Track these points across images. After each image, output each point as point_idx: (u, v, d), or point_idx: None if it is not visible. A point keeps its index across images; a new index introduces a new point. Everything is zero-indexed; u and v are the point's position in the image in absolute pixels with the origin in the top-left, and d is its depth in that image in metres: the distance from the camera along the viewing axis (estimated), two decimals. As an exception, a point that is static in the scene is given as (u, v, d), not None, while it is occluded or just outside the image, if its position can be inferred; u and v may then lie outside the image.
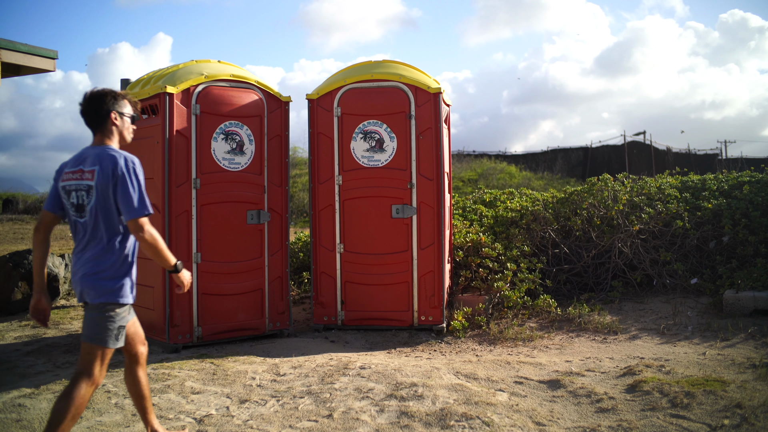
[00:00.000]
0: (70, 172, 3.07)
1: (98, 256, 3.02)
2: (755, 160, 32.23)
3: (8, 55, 6.04)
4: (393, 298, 5.93)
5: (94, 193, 3.00)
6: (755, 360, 4.57)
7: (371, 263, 5.94)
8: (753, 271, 6.30)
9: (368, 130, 5.96)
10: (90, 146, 3.12)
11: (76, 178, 3.04)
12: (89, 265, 3.01)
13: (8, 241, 14.49)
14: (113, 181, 2.98)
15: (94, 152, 3.06)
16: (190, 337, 5.46)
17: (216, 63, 5.92)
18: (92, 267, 3.01)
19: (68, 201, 3.07)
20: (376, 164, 5.96)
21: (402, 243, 5.91)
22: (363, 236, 5.98)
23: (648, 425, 3.47)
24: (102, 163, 3.00)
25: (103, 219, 3.02)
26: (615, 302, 6.70)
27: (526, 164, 33.80)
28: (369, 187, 5.97)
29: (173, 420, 3.67)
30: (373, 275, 5.94)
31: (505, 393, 4.05)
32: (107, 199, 3.00)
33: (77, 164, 3.07)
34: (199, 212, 5.50)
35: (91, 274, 3.00)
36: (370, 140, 5.97)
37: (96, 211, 3.01)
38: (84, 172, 3.03)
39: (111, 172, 2.98)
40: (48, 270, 7.52)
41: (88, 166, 3.03)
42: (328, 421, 3.60)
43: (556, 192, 8.14)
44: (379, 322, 5.99)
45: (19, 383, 4.43)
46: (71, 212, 3.07)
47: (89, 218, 3.02)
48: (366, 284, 5.96)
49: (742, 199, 7.27)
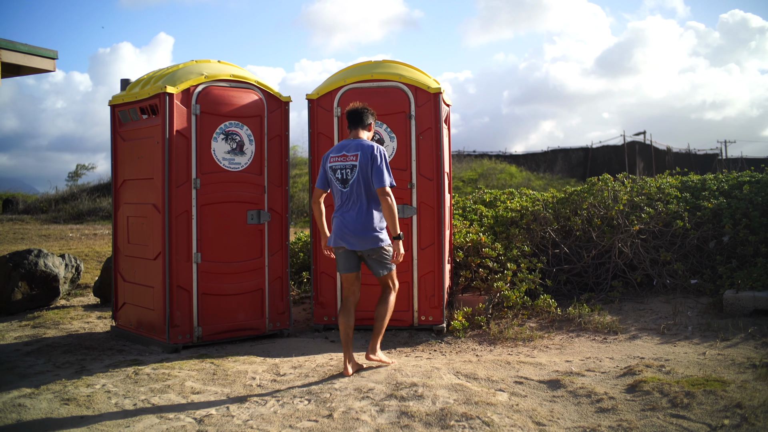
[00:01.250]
0: (335, 157, 4.42)
1: (360, 215, 4.33)
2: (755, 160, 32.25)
3: (8, 55, 6.03)
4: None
5: (357, 170, 4.33)
6: (755, 360, 4.57)
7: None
8: (753, 271, 6.30)
9: None
10: (349, 139, 4.51)
11: (341, 160, 4.40)
12: (355, 222, 4.33)
13: (8, 241, 14.50)
14: (371, 160, 4.30)
15: (354, 143, 4.44)
16: (190, 337, 5.46)
17: (216, 63, 5.93)
18: (359, 224, 4.33)
19: (334, 176, 4.42)
20: None
21: (407, 241, 5.90)
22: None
23: (648, 425, 3.48)
24: (363, 150, 4.36)
25: (363, 188, 4.33)
26: (615, 302, 6.70)
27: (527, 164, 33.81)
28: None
29: (173, 420, 3.67)
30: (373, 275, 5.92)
31: (505, 393, 4.05)
32: (366, 174, 4.32)
33: (340, 151, 4.43)
34: (199, 212, 5.50)
35: (360, 229, 4.33)
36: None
37: (357, 182, 4.34)
38: (348, 156, 4.38)
39: (369, 155, 4.32)
40: (48, 270, 7.53)
41: (351, 152, 4.38)
42: (328, 421, 3.60)
43: (556, 192, 8.14)
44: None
45: (19, 383, 4.43)
46: (336, 184, 4.41)
47: (351, 188, 4.36)
48: (366, 284, 5.94)
49: (743, 199, 7.27)
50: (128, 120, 5.92)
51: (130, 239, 5.84)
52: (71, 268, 8.03)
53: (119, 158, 6.02)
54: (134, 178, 5.82)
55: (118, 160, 6.03)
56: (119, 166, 6.03)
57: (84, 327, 6.48)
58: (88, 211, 23.23)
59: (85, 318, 6.92)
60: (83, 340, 5.81)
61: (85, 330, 6.35)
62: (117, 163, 6.05)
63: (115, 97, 6.06)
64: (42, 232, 16.91)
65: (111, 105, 6.07)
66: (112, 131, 6.08)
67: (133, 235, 5.80)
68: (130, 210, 5.85)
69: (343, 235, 4.39)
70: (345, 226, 4.36)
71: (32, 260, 7.48)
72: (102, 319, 6.90)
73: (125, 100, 5.84)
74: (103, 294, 7.80)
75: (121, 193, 6.01)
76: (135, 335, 5.77)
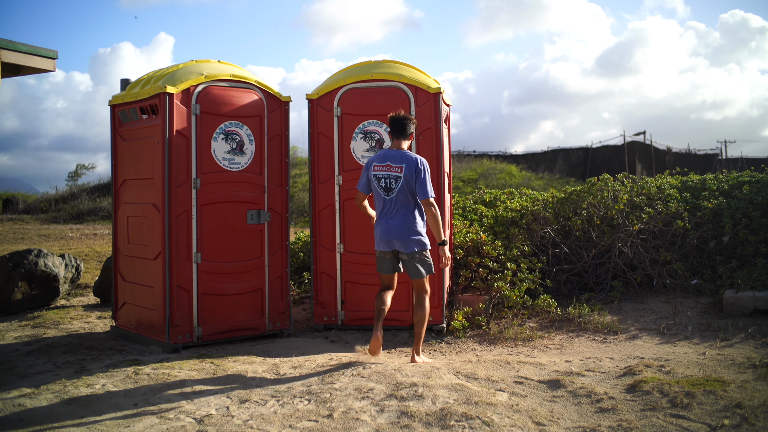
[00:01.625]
0: (379, 166, 4.76)
1: (405, 220, 4.71)
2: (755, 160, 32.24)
3: (8, 55, 6.03)
4: (393, 299, 5.92)
5: (402, 180, 4.69)
6: (755, 360, 4.57)
7: (371, 263, 5.91)
8: (753, 271, 6.30)
9: (368, 130, 5.96)
10: (390, 149, 4.84)
11: (385, 169, 4.74)
12: (401, 227, 4.71)
13: (8, 241, 14.49)
14: (416, 173, 4.66)
15: (398, 154, 4.75)
16: (190, 337, 5.46)
17: (216, 63, 5.92)
18: (404, 228, 4.71)
19: (378, 184, 4.77)
20: None
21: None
22: (363, 236, 5.96)
23: (648, 425, 3.48)
24: (408, 162, 4.69)
25: (407, 197, 4.70)
26: (615, 302, 6.70)
27: (527, 164, 33.80)
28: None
29: (173, 420, 3.67)
30: (373, 275, 5.92)
31: (505, 393, 4.05)
32: (410, 184, 4.68)
33: (384, 160, 4.76)
34: (199, 212, 5.50)
35: (405, 233, 4.70)
36: (370, 140, 5.97)
37: (401, 192, 4.70)
38: (392, 167, 4.72)
39: (414, 168, 4.67)
40: (48, 270, 7.53)
41: (396, 163, 4.71)
42: (328, 421, 3.60)
43: (556, 192, 8.14)
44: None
45: (19, 383, 4.43)
46: (379, 191, 4.77)
47: (396, 197, 4.71)
48: (366, 284, 5.95)
49: (743, 199, 7.27)
50: (128, 120, 5.92)
51: (130, 239, 5.84)
52: (71, 268, 8.03)
53: (119, 158, 6.02)
54: (134, 178, 5.82)
55: (118, 160, 6.03)
56: (119, 166, 6.02)
57: (84, 327, 6.48)
58: (88, 211, 23.23)
59: (85, 318, 6.92)
60: (83, 340, 5.81)
61: (85, 330, 6.35)
62: (117, 163, 6.05)
63: (115, 97, 6.05)
64: (42, 232, 16.91)
65: (111, 105, 6.07)
66: (112, 131, 6.08)
67: (133, 235, 5.80)
68: (130, 210, 5.85)
69: (388, 240, 4.78)
70: (390, 232, 4.75)
71: (32, 260, 7.48)
72: (102, 319, 6.90)
73: (125, 100, 5.84)
74: (103, 294, 7.80)
75: (121, 193, 6.01)
76: (135, 335, 5.77)
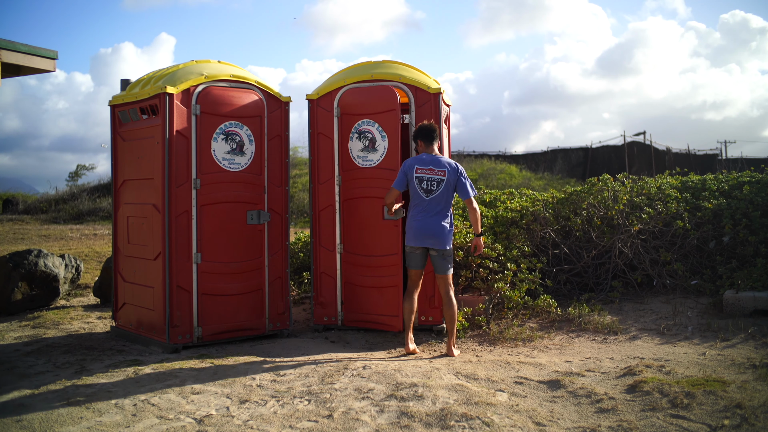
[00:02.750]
0: (422, 169, 5.14)
1: (441, 220, 5.11)
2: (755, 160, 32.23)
3: (8, 56, 6.04)
4: (393, 299, 5.92)
5: (444, 184, 5.12)
6: (755, 360, 4.57)
7: (371, 264, 5.92)
8: (753, 271, 6.30)
9: (362, 129, 5.92)
10: (427, 154, 5.23)
11: (428, 173, 5.14)
12: (437, 226, 5.10)
13: (8, 241, 14.49)
14: (456, 176, 5.17)
15: (435, 158, 5.20)
16: (190, 337, 5.46)
17: (216, 63, 5.93)
18: (439, 227, 5.10)
19: (419, 185, 5.13)
20: (369, 164, 5.93)
21: (399, 244, 5.87)
22: (362, 237, 5.96)
23: (648, 425, 3.48)
24: (450, 168, 5.17)
25: (446, 199, 5.14)
26: (615, 302, 6.70)
27: (527, 164, 33.81)
28: (365, 188, 5.94)
29: (173, 420, 3.67)
30: (372, 276, 5.92)
31: (505, 393, 4.05)
32: (450, 187, 5.15)
33: (427, 165, 5.15)
34: (199, 212, 5.50)
35: (441, 231, 5.09)
36: (364, 140, 5.93)
37: (442, 194, 5.12)
38: (434, 170, 5.14)
39: (456, 173, 5.18)
40: (48, 270, 7.53)
41: (438, 167, 5.14)
42: (328, 421, 3.60)
43: (556, 192, 8.13)
44: (378, 326, 5.96)
45: (19, 383, 4.43)
46: (420, 192, 5.13)
47: (436, 198, 5.11)
48: (366, 285, 5.95)
49: (743, 199, 7.27)
50: (128, 120, 5.92)
51: (130, 239, 5.84)
52: (71, 268, 8.03)
53: (119, 158, 6.02)
54: (134, 178, 5.82)
55: (118, 160, 6.03)
56: (119, 166, 6.03)
57: (84, 327, 6.49)
58: (88, 212, 23.22)
59: (85, 318, 6.92)
60: (83, 341, 5.82)
61: (85, 330, 6.35)
62: (117, 164, 6.05)
63: (115, 97, 6.06)
64: (42, 232, 16.91)
65: (111, 105, 6.07)
66: (112, 131, 6.08)
67: (133, 235, 5.80)
68: (130, 210, 5.85)
69: (424, 237, 5.11)
70: (426, 229, 5.09)
71: (32, 260, 7.48)
72: (102, 319, 6.90)
73: (125, 101, 5.84)
74: (103, 294, 7.80)
75: (121, 193, 6.01)
76: (135, 335, 5.77)
